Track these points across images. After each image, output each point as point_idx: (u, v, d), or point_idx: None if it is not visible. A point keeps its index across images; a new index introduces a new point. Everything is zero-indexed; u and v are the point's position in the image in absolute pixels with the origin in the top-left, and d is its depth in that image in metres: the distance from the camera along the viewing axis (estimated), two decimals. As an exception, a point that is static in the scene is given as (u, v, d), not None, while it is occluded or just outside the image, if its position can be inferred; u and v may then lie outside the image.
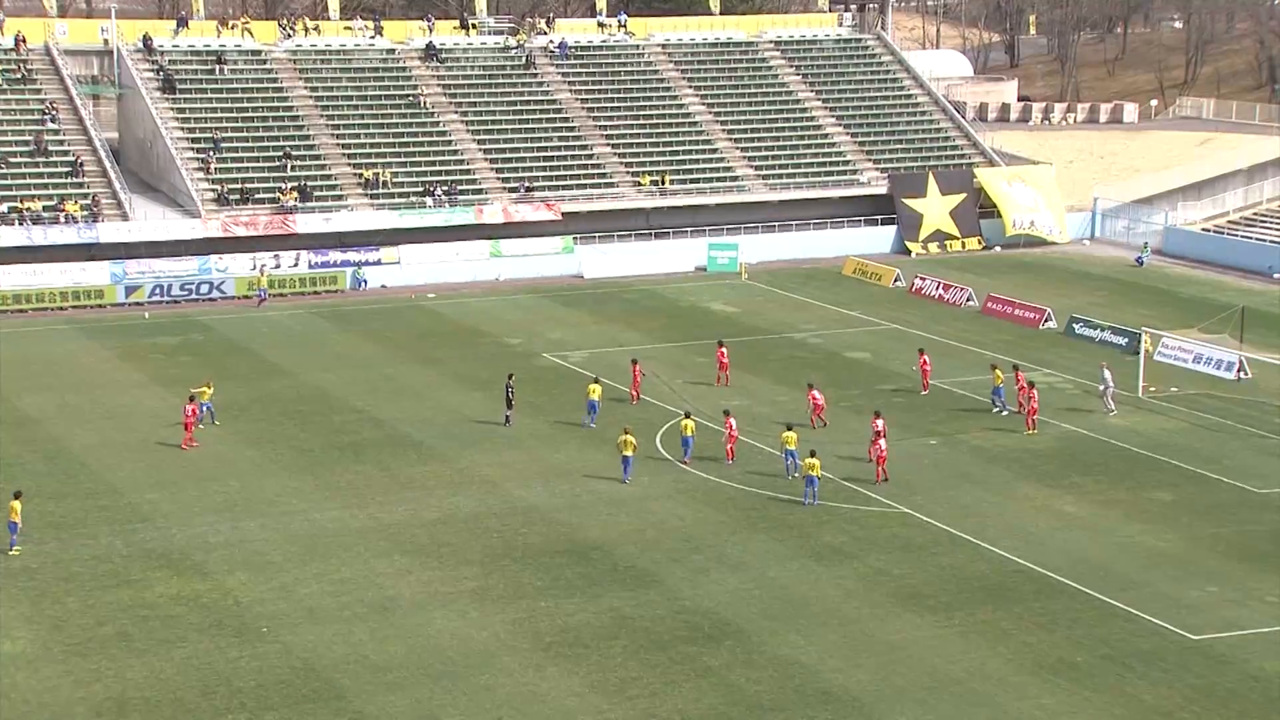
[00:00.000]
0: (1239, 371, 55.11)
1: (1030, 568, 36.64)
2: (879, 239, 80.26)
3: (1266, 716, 29.80)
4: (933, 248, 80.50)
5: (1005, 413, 48.98)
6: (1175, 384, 54.15)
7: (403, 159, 76.37)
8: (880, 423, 44.46)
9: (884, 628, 33.26)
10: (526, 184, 76.51)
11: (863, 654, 32.04)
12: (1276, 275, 74.84)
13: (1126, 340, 59.13)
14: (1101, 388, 50.37)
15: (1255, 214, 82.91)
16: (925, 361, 51.63)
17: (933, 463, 44.74)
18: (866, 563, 36.89)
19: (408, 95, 79.72)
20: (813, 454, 40.91)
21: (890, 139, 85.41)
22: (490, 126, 79.53)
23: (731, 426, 44.23)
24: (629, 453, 41.95)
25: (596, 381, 48.08)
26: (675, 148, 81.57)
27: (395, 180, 74.86)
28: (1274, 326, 63.21)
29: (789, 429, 43.47)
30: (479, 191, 75.73)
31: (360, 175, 74.95)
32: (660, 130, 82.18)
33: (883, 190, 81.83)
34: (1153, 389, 52.65)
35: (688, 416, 44.72)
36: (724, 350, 53.26)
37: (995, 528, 39.40)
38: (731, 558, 37.09)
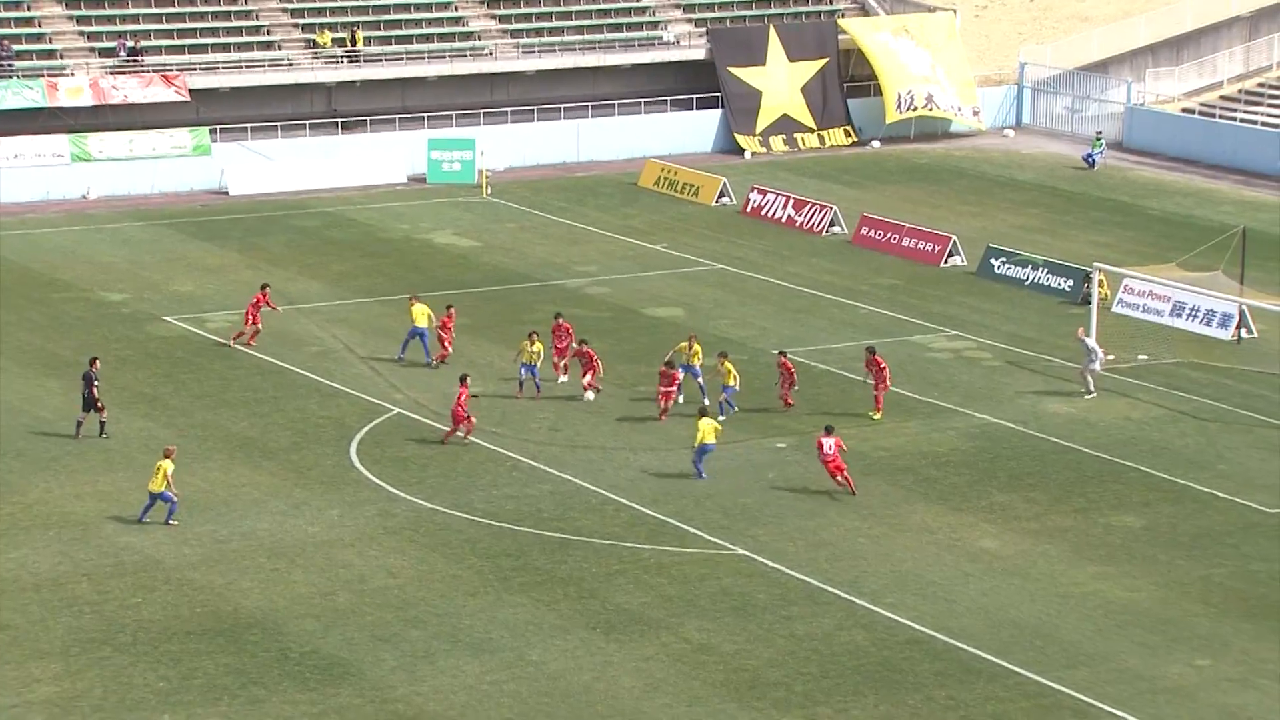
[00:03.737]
0: (1239, 328, 56.73)
1: (931, 636, 37.27)
2: (695, 131, 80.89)
3: None
4: (777, 143, 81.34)
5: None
6: (1144, 349, 55.66)
7: (-72, 4, 74.75)
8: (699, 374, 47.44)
9: (709, 736, 33.55)
10: (130, 42, 75.23)
11: (677, 779, 32.32)
12: (1292, 180, 77.23)
13: (1070, 283, 60.52)
14: (1086, 361, 51.19)
15: (1261, 85, 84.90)
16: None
17: (782, 476, 45.23)
18: (682, 635, 37.13)
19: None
20: (702, 412, 44.99)
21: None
22: (72, -48, 78.18)
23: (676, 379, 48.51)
24: (158, 488, 41.51)
25: (702, 415, 45.10)
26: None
27: (-84, 39, 73.23)
28: (1289, 259, 65.35)
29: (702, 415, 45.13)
30: (50, 55, 74.38)
31: None
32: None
33: (700, 55, 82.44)
34: (1111, 357, 53.98)
35: (702, 416, 45.43)
36: (453, 313, 53.40)
37: (877, 575, 40.00)
38: (472, 633, 37.04)
